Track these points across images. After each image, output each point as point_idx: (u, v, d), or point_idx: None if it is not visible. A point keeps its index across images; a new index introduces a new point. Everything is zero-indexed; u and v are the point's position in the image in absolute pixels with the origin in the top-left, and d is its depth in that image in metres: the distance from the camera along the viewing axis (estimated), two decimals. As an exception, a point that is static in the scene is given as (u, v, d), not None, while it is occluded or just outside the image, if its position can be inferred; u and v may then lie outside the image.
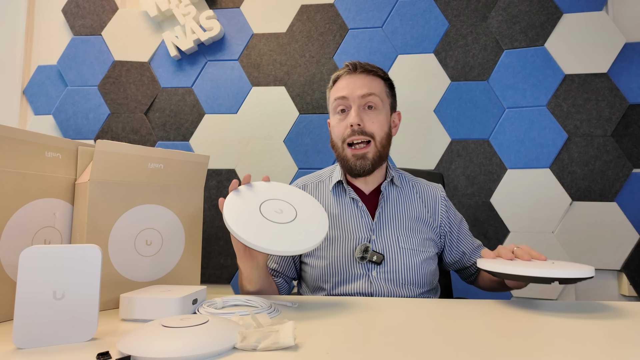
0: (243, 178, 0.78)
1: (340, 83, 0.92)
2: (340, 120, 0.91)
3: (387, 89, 0.93)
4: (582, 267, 0.63)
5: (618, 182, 1.24)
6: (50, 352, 0.45)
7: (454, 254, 0.95)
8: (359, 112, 0.88)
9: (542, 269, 0.62)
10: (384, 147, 0.90)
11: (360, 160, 0.87)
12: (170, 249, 0.79)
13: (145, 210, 0.76)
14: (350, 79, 0.90)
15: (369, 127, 0.88)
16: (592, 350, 0.45)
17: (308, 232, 0.68)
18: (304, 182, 1.01)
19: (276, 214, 0.71)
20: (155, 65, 1.47)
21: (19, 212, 0.64)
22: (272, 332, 0.46)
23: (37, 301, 0.47)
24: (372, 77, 0.91)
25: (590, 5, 1.31)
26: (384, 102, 0.91)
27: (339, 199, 0.94)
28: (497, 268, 0.67)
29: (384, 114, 0.90)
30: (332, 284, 0.87)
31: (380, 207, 0.91)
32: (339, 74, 0.93)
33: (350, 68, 0.92)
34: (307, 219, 0.71)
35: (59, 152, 0.70)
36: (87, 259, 0.50)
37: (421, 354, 0.44)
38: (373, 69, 0.92)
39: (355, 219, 0.90)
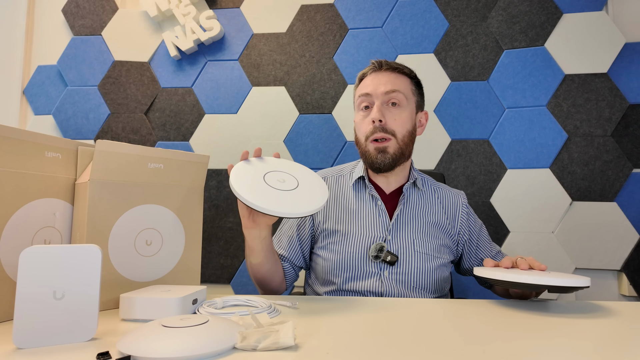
0: (254, 151, 0.81)
1: (366, 81, 0.92)
2: (363, 117, 0.91)
3: (414, 87, 0.93)
4: (576, 277, 0.63)
5: (618, 182, 1.24)
6: (50, 352, 0.45)
7: (472, 261, 0.95)
8: (381, 108, 0.88)
9: (532, 276, 0.63)
10: (406, 144, 0.89)
11: (381, 154, 0.87)
12: (170, 249, 0.79)
13: (145, 210, 0.76)
14: (375, 77, 0.90)
15: (391, 124, 0.88)
16: (592, 350, 0.45)
17: (308, 199, 0.72)
18: (324, 174, 1.01)
19: (279, 182, 0.74)
20: (155, 65, 1.47)
21: (19, 212, 0.64)
22: (272, 332, 0.46)
23: (37, 301, 0.47)
24: (398, 74, 0.91)
25: (590, 5, 1.31)
26: (409, 100, 0.91)
27: (358, 195, 0.94)
28: (483, 273, 0.69)
29: (408, 112, 0.90)
30: (343, 278, 0.87)
31: (400, 208, 0.90)
32: (364, 72, 0.94)
33: (375, 66, 0.92)
34: (308, 189, 0.75)
35: (59, 152, 0.70)
36: (87, 259, 0.50)
37: (421, 354, 0.44)
38: (399, 66, 0.92)
39: (373, 217, 0.90)
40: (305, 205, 0.71)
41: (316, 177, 0.80)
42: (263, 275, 0.86)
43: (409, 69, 0.94)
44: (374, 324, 0.57)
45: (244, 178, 0.73)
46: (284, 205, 0.68)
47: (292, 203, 0.70)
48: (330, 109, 1.40)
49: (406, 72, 0.92)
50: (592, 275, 1.26)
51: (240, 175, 0.74)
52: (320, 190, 0.76)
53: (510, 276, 0.64)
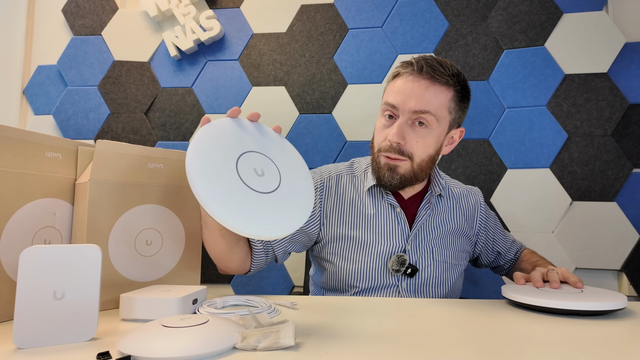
0: (251, 114, 0.62)
1: (398, 83, 0.78)
2: (384, 127, 0.80)
3: (454, 103, 0.79)
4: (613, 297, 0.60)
5: (618, 182, 1.24)
6: (50, 352, 0.45)
7: (490, 256, 0.94)
8: (403, 127, 0.76)
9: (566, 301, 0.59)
10: (422, 169, 0.80)
11: (389, 172, 0.79)
12: (170, 249, 0.79)
13: (145, 210, 0.76)
14: (410, 84, 0.76)
15: (410, 147, 0.77)
16: (592, 350, 0.45)
17: (284, 213, 0.52)
18: (338, 171, 0.91)
19: (255, 175, 0.54)
20: (155, 65, 1.47)
21: (19, 212, 0.64)
22: (272, 332, 0.46)
23: (37, 301, 0.47)
24: (439, 86, 0.76)
25: (590, 5, 1.31)
26: (441, 120, 0.78)
27: (375, 200, 0.86)
28: (514, 297, 0.65)
29: (435, 135, 0.78)
30: (358, 289, 0.82)
31: (422, 217, 0.84)
32: (400, 70, 0.79)
33: (415, 68, 0.77)
34: (289, 195, 0.55)
35: (59, 152, 0.70)
36: (87, 259, 0.50)
37: (421, 354, 0.44)
38: (443, 76, 0.76)
39: (391, 225, 0.83)
40: (276, 224, 0.50)
41: (305, 173, 0.61)
42: (218, 253, 0.76)
43: (456, 77, 0.78)
44: (374, 324, 0.57)
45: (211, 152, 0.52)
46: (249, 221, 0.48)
47: (259, 215, 0.50)
48: (330, 109, 1.40)
49: (451, 82, 0.77)
50: (592, 275, 1.26)
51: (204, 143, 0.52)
52: (304, 199, 0.57)
53: (543, 301, 0.60)
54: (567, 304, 0.58)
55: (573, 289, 0.66)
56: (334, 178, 0.90)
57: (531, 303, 0.62)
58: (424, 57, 0.78)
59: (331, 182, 0.89)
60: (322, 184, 0.89)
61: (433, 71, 0.76)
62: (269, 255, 0.84)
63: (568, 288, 0.67)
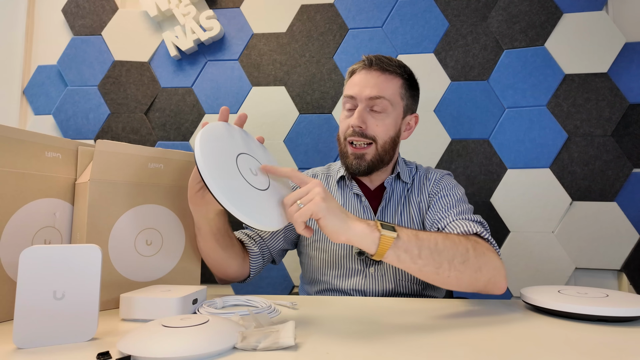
0: (238, 116, 0.69)
1: (354, 78, 0.88)
2: (345, 117, 0.88)
3: (404, 90, 0.88)
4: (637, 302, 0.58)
5: (618, 182, 1.24)
6: (50, 352, 0.45)
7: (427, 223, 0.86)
8: (362, 113, 0.84)
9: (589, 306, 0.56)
10: (386, 151, 0.87)
11: (357, 160, 0.86)
12: (170, 249, 0.79)
13: (145, 210, 0.76)
14: (364, 76, 0.86)
15: (372, 130, 0.85)
16: (592, 350, 0.45)
17: (277, 210, 0.59)
18: (314, 172, 1.01)
19: (251, 173, 0.61)
20: (155, 65, 1.47)
21: (19, 212, 0.64)
22: (272, 332, 0.46)
23: (37, 301, 0.47)
24: (388, 75, 0.86)
25: (590, 5, 1.31)
26: (395, 105, 0.86)
27: (343, 193, 0.93)
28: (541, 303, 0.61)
29: (393, 118, 0.86)
30: (328, 277, 0.87)
31: (383, 203, 0.89)
32: (354, 67, 0.89)
33: (365, 63, 0.87)
34: (277, 197, 0.62)
35: (59, 152, 0.70)
36: (87, 259, 0.50)
37: (421, 354, 0.44)
38: (390, 66, 0.86)
39: (356, 214, 0.89)
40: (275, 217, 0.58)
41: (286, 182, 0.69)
42: (214, 259, 0.79)
43: (402, 67, 0.88)
44: (374, 324, 0.57)
45: (215, 148, 0.58)
46: (250, 208, 0.55)
47: (259, 207, 0.56)
48: (330, 109, 1.40)
49: (399, 72, 0.87)
50: (592, 275, 1.26)
51: (212, 142, 0.58)
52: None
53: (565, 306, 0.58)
54: (592, 309, 0.56)
55: (597, 294, 0.63)
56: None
57: (553, 308, 0.60)
58: (373, 55, 0.88)
59: None
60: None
61: (382, 63, 0.86)
62: (266, 258, 0.89)
63: (592, 292, 0.64)
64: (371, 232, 0.58)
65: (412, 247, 0.60)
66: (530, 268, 1.26)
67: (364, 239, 0.58)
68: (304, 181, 0.61)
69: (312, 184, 0.59)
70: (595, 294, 0.63)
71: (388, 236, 0.58)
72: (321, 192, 0.57)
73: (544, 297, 0.63)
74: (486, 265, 0.64)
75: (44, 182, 0.68)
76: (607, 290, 0.67)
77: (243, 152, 0.63)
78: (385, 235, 0.58)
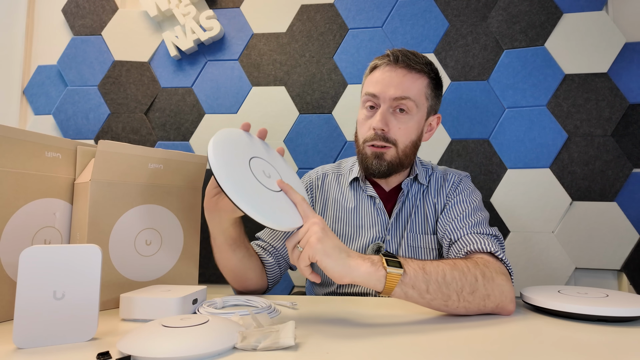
0: (259, 131, 0.72)
1: (377, 74, 0.82)
2: (367, 118, 0.83)
3: (430, 90, 0.83)
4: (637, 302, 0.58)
5: (618, 182, 1.24)
6: (50, 352, 0.45)
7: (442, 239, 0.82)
8: (385, 114, 0.79)
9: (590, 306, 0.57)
10: (406, 155, 0.83)
11: (377, 160, 0.81)
12: (169, 249, 0.79)
13: (145, 210, 0.76)
14: (388, 73, 0.80)
15: (394, 133, 0.80)
16: (592, 350, 0.45)
17: (289, 212, 0.59)
18: (324, 170, 0.97)
19: (264, 176, 0.61)
20: (155, 65, 1.47)
21: (19, 212, 0.64)
22: (272, 332, 0.46)
23: (37, 301, 0.47)
24: (415, 74, 0.80)
25: (590, 5, 1.31)
26: (420, 106, 0.82)
27: (356, 194, 0.89)
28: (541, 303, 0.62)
29: (416, 120, 0.82)
30: None
31: (399, 206, 0.86)
32: (377, 62, 0.83)
33: (390, 59, 0.81)
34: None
35: (59, 152, 0.70)
36: (87, 259, 0.50)
37: (421, 353, 0.44)
38: (417, 64, 0.80)
39: (371, 217, 0.86)
40: (288, 217, 0.57)
41: (300, 185, 0.70)
42: (232, 271, 0.78)
43: (429, 65, 0.83)
44: (374, 323, 0.57)
45: (229, 151, 0.59)
46: (265, 209, 0.55)
47: (274, 209, 0.56)
48: (330, 109, 1.40)
49: (426, 70, 0.81)
50: (592, 275, 1.26)
51: (226, 146, 0.59)
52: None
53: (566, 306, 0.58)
54: (592, 309, 0.56)
55: (597, 294, 0.63)
56: (320, 177, 0.97)
57: (553, 308, 0.60)
58: (398, 50, 0.82)
59: (317, 181, 0.96)
60: (310, 185, 0.96)
61: (408, 60, 0.80)
62: (282, 267, 0.87)
63: (592, 292, 0.65)
64: (376, 270, 0.55)
65: (420, 282, 0.57)
66: (530, 268, 1.26)
67: (369, 279, 0.55)
68: (307, 216, 0.58)
69: (310, 222, 0.56)
70: (595, 294, 0.63)
71: (395, 274, 0.55)
72: (318, 231, 0.55)
73: (544, 297, 0.63)
74: (494, 291, 0.61)
75: (43, 182, 0.68)
76: (607, 290, 0.67)
77: (256, 156, 0.64)
78: (392, 273, 0.55)
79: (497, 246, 0.71)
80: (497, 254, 0.69)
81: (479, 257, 0.67)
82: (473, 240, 0.72)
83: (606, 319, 0.56)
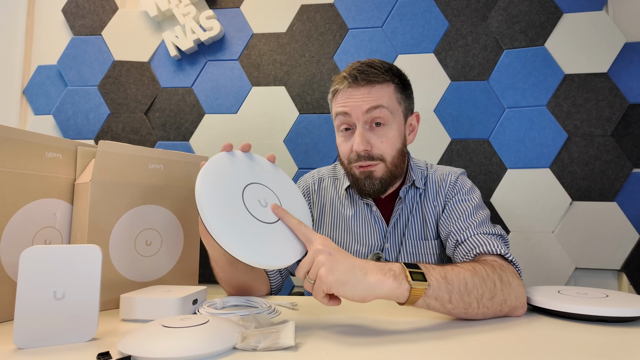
0: (242, 146, 0.66)
1: (340, 97, 0.79)
2: (345, 140, 0.80)
3: (399, 94, 0.80)
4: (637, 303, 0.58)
5: (618, 182, 1.24)
6: (50, 352, 0.45)
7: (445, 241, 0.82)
8: (364, 133, 0.76)
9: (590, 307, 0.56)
10: (396, 166, 0.80)
11: (368, 180, 0.79)
12: (169, 250, 0.79)
13: (145, 211, 0.76)
14: (352, 92, 0.77)
15: (378, 149, 0.78)
16: (592, 350, 0.45)
17: (287, 243, 0.57)
18: (320, 174, 0.96)
19: (259, 206, 0.58)
20: (155, 65, 1.47)
21: (19, 212, 0.64)
22: (272, 332, 0.46)
23: (38, 301, 0.47)
24: (378, 85, 0.77)
25: (590, 5, 1.31)
26: (395, 113, 0.79)
27: (352, 201, 0.87)
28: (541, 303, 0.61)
29: (395, 128, 0.79)
30: None
31: (397, 213, 0.84)
32: (337, 87, 0.80)
33: (349, 81, 0.77)
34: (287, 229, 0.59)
35: (59, 152, 0.71)
36: (87, 259, 0.50)
37: (421, 354, 0.44)
38: (378, 76, 0.77)
39: (369, 225, 0.85)
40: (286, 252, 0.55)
41: (301, 200, 0.66)
42: (236, 285, 0.76)
43: (391, 70, 0.79)
44: (374, 324, 0.57)
45: (218, 186, 0.55)
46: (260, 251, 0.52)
47: (269, 246, 0.54)
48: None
49: (388, 78, 0.78)
50: (592, 275, 1.26)
51: (214, 180, 0.55)
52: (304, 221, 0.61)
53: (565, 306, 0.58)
54: (592, 310, 0.56)
55: (597, 294, 0.63)
56: (317, 182, 0.95)
57: (553, 308, 0.60)
58: (354, 67, 0.79)
59: (314, 186, 0.95)
60: (307, 189, 0.95)
61: (367, 76, 0.77)
62: (284, 274, 0.86)
63: (592, 293, 0.64)
64: (399, 286, 0.53)
65: (443, 293, 0.55)
66: (530, 268, 1.26)
67: (392, 295, 0.53)
68: (308, 239, 0.56)
69: (314, 251, 0.53)
70: (595, 294, 0.63)
71: (419, 288, 0.53)
72: (325, 261, 0.51)
73: (544, 297, 0.63)
74: (510, 295, 0.61)
75: (44, 183, 0.68)
76: (607, 290, 0.67)
77: (251, 182, 0.60)
78: (417, 288, 0.53)
79: (506, 248, 0.71)
80: (507, 256, 0.69)
81: (493, 261, 0.66)
82: (481, 242, 0.72)
83: (606, 319, 0.56)
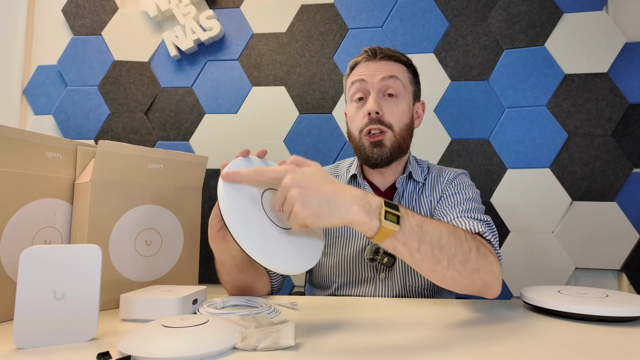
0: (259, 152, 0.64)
1: (359, 68, 0.86)
2: (357, 109, 0.85)
3: (411, 76, 0.88)
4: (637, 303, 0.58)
5: (618, 182, 1.24)
6: (50, 352, 0.45)
7: None
8: (377, 99, 0.82)
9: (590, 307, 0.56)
10: (403, 138, 0.84)
11: (377, 148, 0.81)
12: (169, 250, 0.79)
13: (145, 211, 0.76)
14: (370, 64, 0.85)
15: (388, 116, 0.82)
16: (592, 350, 0.45)
17: (305, 248, 0.57)
18: None
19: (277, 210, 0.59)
20: (155, 65, 1.47)
21: (19, 212, 0.64)
22: (272, 332, 0.46)
23: (38, 301, 0.47)
24: (394, 62, 0.86)
25: (590, 5, 1.31)
26: (406, 90, 0.85)
27: None
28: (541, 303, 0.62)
29: (406, 103, 0.85)
30: (338, 283, 0.84)
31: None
32: (357, 60, 0.88)
33: (369, 54, 0.85)
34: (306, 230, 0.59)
35: (59, 152, 0.71)
36: (87, 259, 0.50)
37: (421, 353, 0.44)
38: (395, 54, 0.86)
39: None
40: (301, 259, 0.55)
41: None
42: (240, 287, 0.76)
43: (406, 56, 0.89)
44: (374, 323, 0.57)
45: (239, 191, 0.55)
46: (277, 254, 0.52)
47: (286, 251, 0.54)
48: (330, 109, 1.40)
49: (403, 60, 0.87)
50: (592, 275, 1.26)
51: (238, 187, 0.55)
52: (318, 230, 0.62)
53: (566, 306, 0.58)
54: (592, 309, 0.56)
55: (597, 294, 0.64)
56: None
57: (553, 308, 0.59)
58: (374, 46, 0.88)
59: None
60: None
61: (386, 54, 0.86)
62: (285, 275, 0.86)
63: (592, 292, 0.64)
64: (369, 220, 0.52)
65: (413, 241, 0.54)
66: (530, 268, 1.26)
67: (361, 227, 0.53)
68: (276, 177, 0.54)
69: (285, 187, 0.52)
70: (595, 294, 0.63)
71: (389, 229, 0.52)
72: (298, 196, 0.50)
73: (544, 297, 0.62)
74: (484, 268, 0.60)
75: (44, 182, 0.68)
76: (607, 290, 0.67)
77: (268, 188, 0.59)
78: (386, 228, 0.52)
79: (487, 229, 0.70)
80: (485, 235, 0.68)
81: (475, 235, 0.65)
82: (462, 222, 0.71)
83: (606, 319, 0.56)
